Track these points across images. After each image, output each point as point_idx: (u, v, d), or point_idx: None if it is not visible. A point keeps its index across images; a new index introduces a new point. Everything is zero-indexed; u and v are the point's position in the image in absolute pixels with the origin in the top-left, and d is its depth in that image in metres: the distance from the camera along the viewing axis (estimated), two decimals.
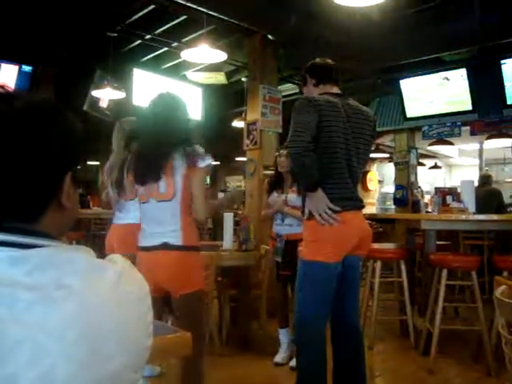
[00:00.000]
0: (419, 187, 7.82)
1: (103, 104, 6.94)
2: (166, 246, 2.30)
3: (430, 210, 6.11)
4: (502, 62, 5.86)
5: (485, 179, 7.13)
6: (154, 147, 2.36)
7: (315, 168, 2.40)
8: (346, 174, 2.49)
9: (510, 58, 5.81)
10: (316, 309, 2.47)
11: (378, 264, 4.14)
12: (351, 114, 2.56)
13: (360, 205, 2.58)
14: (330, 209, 2.39)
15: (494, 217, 4.23)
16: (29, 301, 0.62)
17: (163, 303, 2.59)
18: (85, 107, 6.83)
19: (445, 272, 3.58)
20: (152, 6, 5.49)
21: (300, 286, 2.53)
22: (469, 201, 4.36)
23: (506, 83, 5.91)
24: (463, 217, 3.96)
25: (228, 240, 4.14)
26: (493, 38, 4.94)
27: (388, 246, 4.59)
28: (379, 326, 4.27)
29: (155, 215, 2.37)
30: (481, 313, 3.50)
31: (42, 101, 0.76)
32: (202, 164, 2.32)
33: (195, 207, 2.36)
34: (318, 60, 2.82)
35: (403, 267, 4.11)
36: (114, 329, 0.67)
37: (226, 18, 4.92)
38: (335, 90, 2.69)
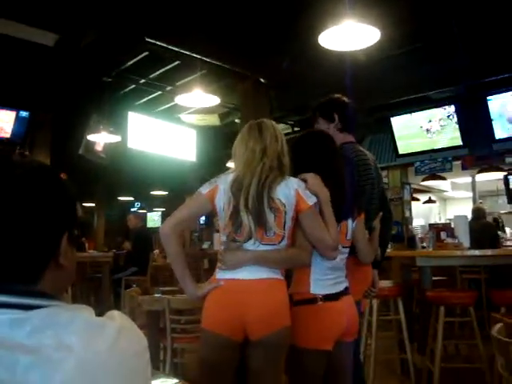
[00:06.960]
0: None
1: (98, 148, 7.01)
2: (347, 292, 2.08)
3: (425, 245, 6.13)
4: (489, 98, 6.02)
5: (477, 213, 7.17)
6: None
7: None
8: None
9: (495, 94, 5.98)
10: None
11: (375, 302, 4.12)
12: (375, 167, 2.43)
13: None
14: None
15: (488, 252, 4.23)
16: (28, 364, 0.63)
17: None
18: (80, 151, 6.89)
19: (442, 309, 3.56)
20: (146, 53, 5.64)
21: None
22: (463, 236, 4.39)
23: (493, 118, 6.05)
24: (457, 252, 3.99)
25: None
26: (477, 76, 5.09)
27: (384, 283, 4.56)
28: (379, 366, 4.21)
29: (340, 262, 2.09)
30: (481, 350, 3.47)
31: (40, 167, 0.80)
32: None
33: (363, 250, 2.21)
34: (346, 100, 2.37)
35: (400, 304, 4.09)
36: None
37: (218, 63, 5.05)
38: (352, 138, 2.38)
